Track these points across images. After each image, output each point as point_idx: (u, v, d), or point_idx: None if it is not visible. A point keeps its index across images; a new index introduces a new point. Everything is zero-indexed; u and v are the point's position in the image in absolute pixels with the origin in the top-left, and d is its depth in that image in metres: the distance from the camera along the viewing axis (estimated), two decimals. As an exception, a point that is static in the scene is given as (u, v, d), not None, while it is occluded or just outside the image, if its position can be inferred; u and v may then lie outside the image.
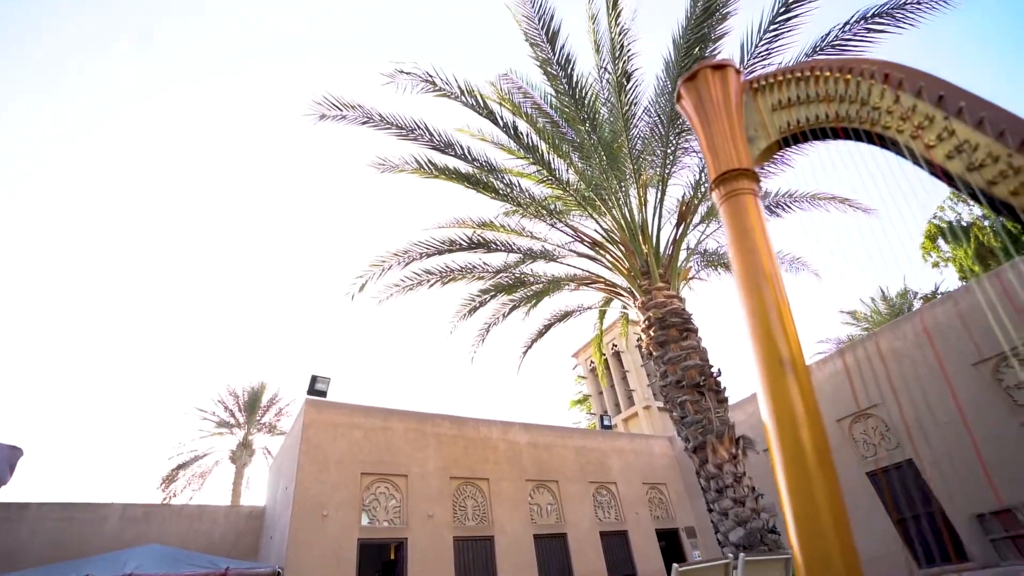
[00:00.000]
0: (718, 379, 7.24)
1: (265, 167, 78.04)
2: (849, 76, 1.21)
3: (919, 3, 6.62)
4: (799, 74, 1.30)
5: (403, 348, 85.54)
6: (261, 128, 78.62)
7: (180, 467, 22.51)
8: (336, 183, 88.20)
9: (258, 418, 24.99)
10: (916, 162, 1.13)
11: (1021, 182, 0.96)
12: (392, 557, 12.74)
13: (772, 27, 7.59)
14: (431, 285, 10.19)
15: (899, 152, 1.14)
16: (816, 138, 1.30)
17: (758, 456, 10.52)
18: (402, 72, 7.40)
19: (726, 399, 7.29)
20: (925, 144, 1.11)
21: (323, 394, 12.83)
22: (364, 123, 8.32)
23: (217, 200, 70.67)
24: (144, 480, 59.98)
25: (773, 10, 7.48)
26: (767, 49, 7.86)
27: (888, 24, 7.11)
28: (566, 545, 13.27)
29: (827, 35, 7.71)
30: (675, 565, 3.15)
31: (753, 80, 1.38)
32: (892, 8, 6.87)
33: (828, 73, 1.25)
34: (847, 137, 1.23)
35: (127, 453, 51.08)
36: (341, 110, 8.19)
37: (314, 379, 12.97)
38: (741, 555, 3.60)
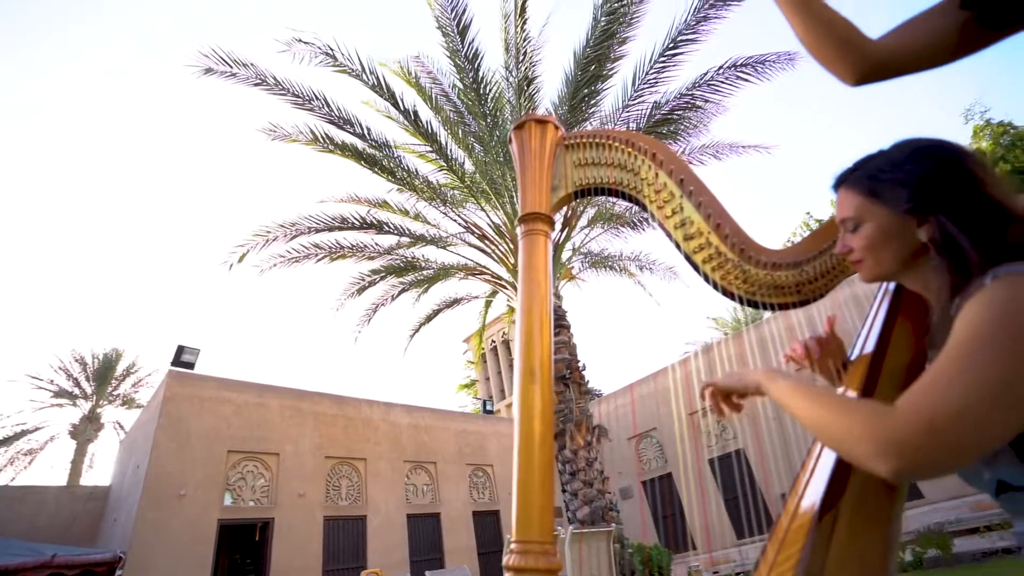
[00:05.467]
0: (583, 373, 7.98)
1: (139, 120, 68.79)
2: (630, 149, 1.54)
3: (774, 61, 7.77)
4: (598, 140, 1.61)
5: (286, 324, 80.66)
6: (137, 79, 68.94)
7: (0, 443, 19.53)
8: (221, 145, 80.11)
9: (110, 389, 22.36)
10: (656, 224, 1.51)
11: (709, 254, 1.36)
12: (257, 538, 12.29)
13: (661, 59, 8.38)
14: (319, 260, 9.89)
15: (647, 215, 1.51)
16: (599, 194, 1.65)
17: (611, 443, 11.76)
18: (300, 41, 7.08)
19: (589, 391, 8.06)
20: (664, 215, 1.47)
21: (190, 366, 11.92)
22: (256, 85, 7.83)
23: (75, 150, 60.95)
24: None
25: (663, 44, 8.26)
26: (655, 78, 8.67)
27: (751, 74, 8.22)
28: (439, 524, 13.71)
29: (705, 74, 8.68)
30: (507, 536, 3.56)
31: (566, 137, 1.69)
32: (754, 62, 7.96)
33: (617, 143, 1.57)
34: (620, 196, 1.58)
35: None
36: (231, 67, 7.63)
37: (180, 349, 12.00)
38: (570, 528, 4.15)
